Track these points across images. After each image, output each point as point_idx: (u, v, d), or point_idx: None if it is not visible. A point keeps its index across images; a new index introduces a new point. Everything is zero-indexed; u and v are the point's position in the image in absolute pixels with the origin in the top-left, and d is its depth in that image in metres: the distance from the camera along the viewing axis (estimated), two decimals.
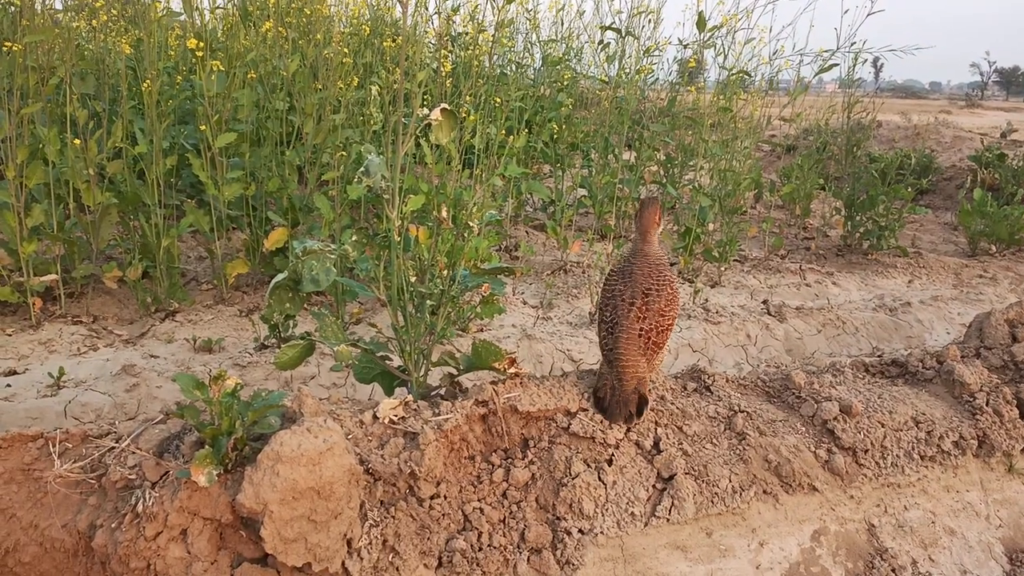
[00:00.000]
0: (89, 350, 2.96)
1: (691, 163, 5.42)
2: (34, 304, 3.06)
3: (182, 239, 4.12)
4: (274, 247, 3.44)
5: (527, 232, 4.91)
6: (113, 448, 1.70)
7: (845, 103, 5.09)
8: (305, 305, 2.92)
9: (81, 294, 3.34)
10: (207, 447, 1.54)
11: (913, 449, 2.42)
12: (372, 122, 3.61)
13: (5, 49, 2.88)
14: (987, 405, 2.55)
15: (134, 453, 1.66)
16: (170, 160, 3.25)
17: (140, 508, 1.55)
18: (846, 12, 3.81)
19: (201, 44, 3.06)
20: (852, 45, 4.05)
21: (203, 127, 3.18)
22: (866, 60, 4.75)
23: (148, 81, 3.13)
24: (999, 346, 2.86)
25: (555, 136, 4.98)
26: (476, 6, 5.66)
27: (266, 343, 3.04)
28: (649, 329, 2.07)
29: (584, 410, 2.13)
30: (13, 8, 3.08)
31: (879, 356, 3.51)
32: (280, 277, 1.84)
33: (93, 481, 1.67)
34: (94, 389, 2.63)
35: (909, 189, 4.85)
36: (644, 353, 2.07)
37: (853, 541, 2.24)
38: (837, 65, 4.05)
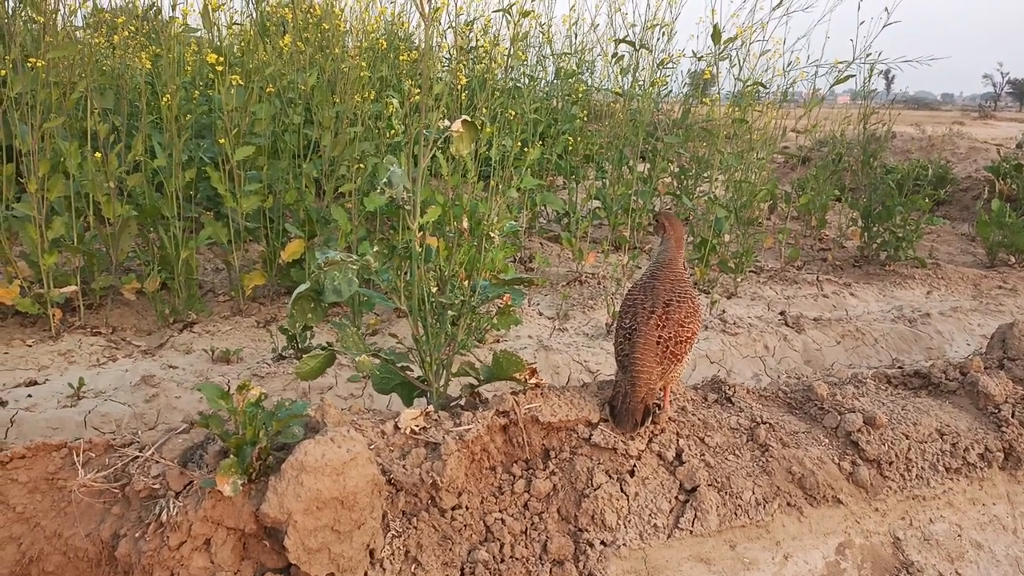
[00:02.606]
0: (108, 361, 2.97)
1: (705, 174, 5.42)
2: (54, 315, 3.08)
3: (199, 251, 4.15)
4: (291, 259, 3.45)
5: (541, 244, 4.91)
6: (137, 457, 1.70)
7: (861, 114, 5.07)
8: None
9: (100, 305, 3.37)
10: (232, 456, 1.54)
11: (938, 461, 2.38)
12: (393, 134, 3.64)
13: (29, 65, 2.92)
14: (1012, 417, 2.51)
15: (158, 462, 1.66)
16: (189, 173, 3.28)
17: (164, 517, 1.55)
18: (862, 23, 3.80)
19: (221, 59, 3.10)
20: (868, 56, 4.03)
21: (222, 140, 3.21)
22: (882, 72, 4.74)
23: (168, 96, 3.16)
24: (1023, 357, 2.82)
25: (569, 148, 4.99)
26: (489, 20, 5.70)
27: (283, 354, 3.05)
28: (668, 338, 2.07)
29: (605, 421, 2.12)
30: (36, 25, 3.12)
31: (900, 367, 3.48)
32: (303, 287, 1.85)
33: (116, 490, 1.67)
34: (114, 399, 2.64)
35: (927, 200, 4.82)
36: (661, 362, 2.06)
37: (878, 554, 2.20)
38: (853, 76, 4.04)
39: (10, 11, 3.28)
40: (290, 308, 1.86)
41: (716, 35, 4.02)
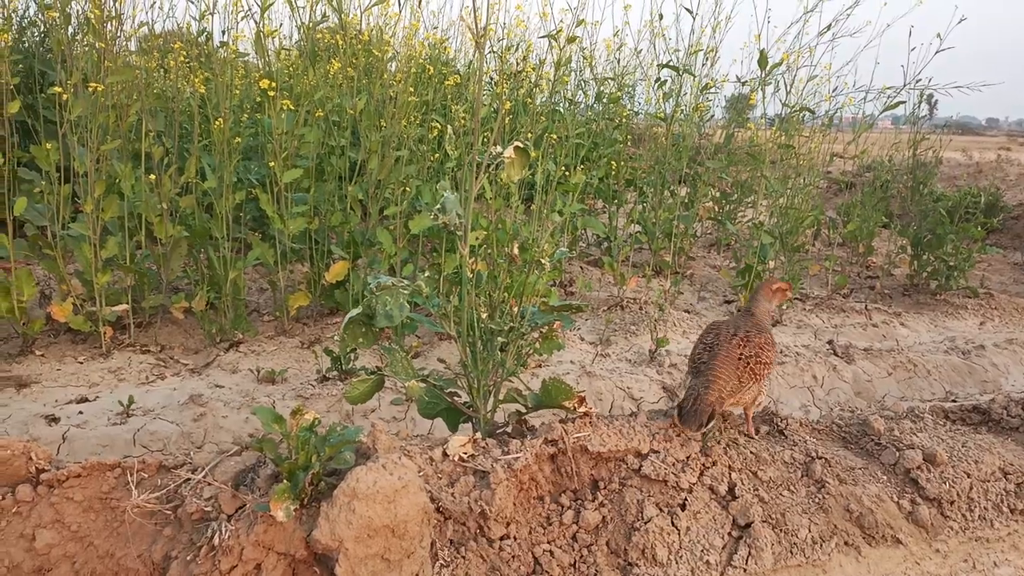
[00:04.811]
0: (157, 379, 3.01)
1: (747, 199, 5.36)
2: (105, 333, 3.14)
3: (245, 271, 4.20)
4: (335, 280, 3.48)
5: (582, 268, 4.88)
6: (189, 479, 1.71)
7: (910, 140, 4.97)
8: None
9: (149, 324, 3.42)
10: (285, 481, 1.53)
11: (1002, 502, 2.29)
12: (437, 158, 3.66)
13: (89, 89, 3.00)
14: None
15: (210, 485, 1.66)
16: (238, 195, 3.34)
17: (216, 541, 1.54)
18: (913, 50, 3.74)
19: (273, 84, 3.15)
20: (918, 82, 3.96)
21: (271, 163, 3.26)
22: (930, 96, 4.65)
23: (220, 120, 3.22)
24: None
25: (612, 172, 4.97)
26: (531, 44, 5.74)
27: (328, 375, 3.06)
28: (750, 356, 2.17)
29: (655, 452, 2.07)
30: (96, 51, 3.22)
31: (955, 401, 3.36)
32: (354, 312, 1.85)
33: (169, 512, 1.68)
34: (162, 418, 2.67)
35: (979, 228, 4.69)
36: (739, 375, 2.14)
37: None
38: (904, 102, 3.97)
39: (70, 37, 3.39)
40: (341, 332, 1.86)
41: (763, 60, 3.99)
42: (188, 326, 3.44)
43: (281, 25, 4.70)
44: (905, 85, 4.08)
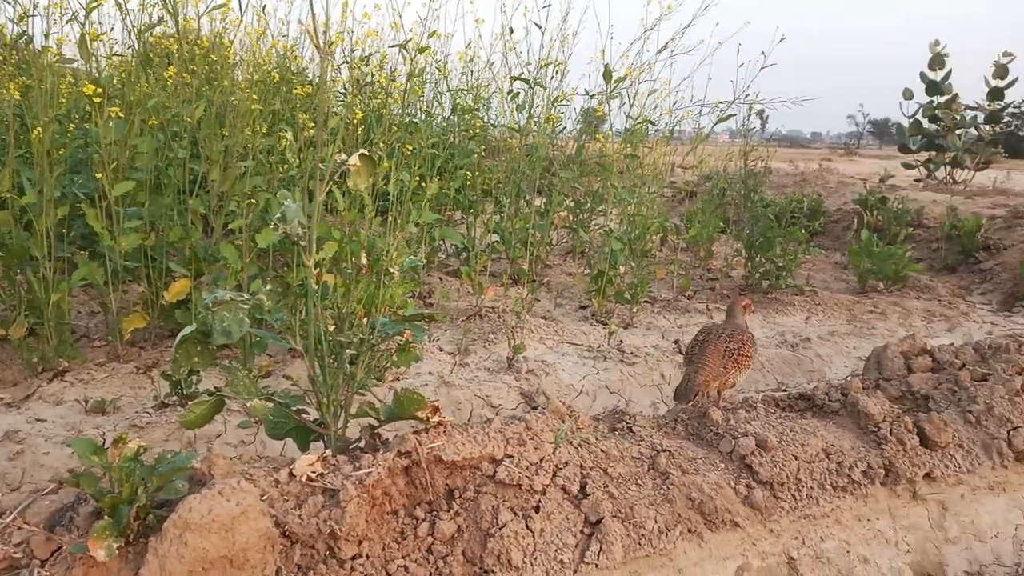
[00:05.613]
0: None
1: (599, 208, 5.58)
2: None
3: (72, 293, 3.85)
4: (175, 299, 3.26)
5: (441, 278, 4.88)
6: None
7: (741, 151, 5.38)
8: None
9: None
10: (106, 518, 1.41)
11: (826, 480, 2.49)
12: (287, 168, 3.53)
13: None
14: (891, 435, 2.67)
15: (20, 528, 1.50)
16: (61, 210, 3.05)
17: None
18: (741, 66, 4.06)
19: (98, 90, 2.92)
20: (747, 97, 4.30)
21: (99, 175, 3.02)
22: (758, 112, 5.06)
23: (39, 129, 2.94)
24: (896, 377, 3.02)
25: (468, 183, 5.02)
26: (385, 55, 5.70)
27: (166, 401, 2.86)
28: (734, 349, 2.67)
29: (510, 456, 2.09)
30: None
31: (785, 390, 3.65)
32: (188, 330, 1.74)
33: None
34: None
35: (803, 231, 5.14)
36: (723, 363, 2.64)
37: (775, 575, 2.27)
38: (735, 115, 4.30)
39: None
40: (174, 352, 1.75)
41: (607, 75, 4.18)
42: (4, 356, 3.10)
43: (112, 28, 4.36)
44: (735, 99, 4.41)
